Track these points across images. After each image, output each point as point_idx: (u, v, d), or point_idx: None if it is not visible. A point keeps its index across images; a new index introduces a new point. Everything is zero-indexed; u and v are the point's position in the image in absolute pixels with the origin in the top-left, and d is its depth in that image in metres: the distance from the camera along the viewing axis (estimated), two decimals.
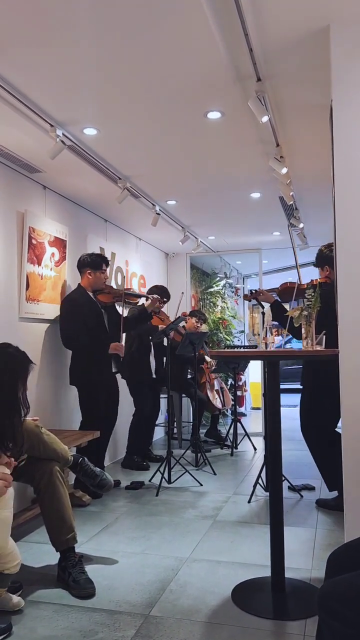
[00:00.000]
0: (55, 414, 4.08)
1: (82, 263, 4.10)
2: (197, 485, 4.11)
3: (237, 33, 2.18)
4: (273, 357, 2.36)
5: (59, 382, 4.12)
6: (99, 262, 4.08)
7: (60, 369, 4.14)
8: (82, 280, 4.10)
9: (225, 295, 8.21)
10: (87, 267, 4.06)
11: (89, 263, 4.06)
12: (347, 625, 1.27)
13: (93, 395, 3.95)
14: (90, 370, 3.93)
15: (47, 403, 3.99)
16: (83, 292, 4.05)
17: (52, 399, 4.06)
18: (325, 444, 3.44)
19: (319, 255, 3.56)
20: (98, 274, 4.07)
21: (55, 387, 4.09)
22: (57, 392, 4.12)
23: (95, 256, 4.13)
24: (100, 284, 4.10)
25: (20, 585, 2.39)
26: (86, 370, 3.93)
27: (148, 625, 2.12)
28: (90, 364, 3.92)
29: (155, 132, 3.21)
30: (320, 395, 3.34)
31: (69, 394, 4.21)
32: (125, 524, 3.31)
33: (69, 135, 3.15)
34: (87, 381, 3.95)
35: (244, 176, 4.03)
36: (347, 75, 2.18)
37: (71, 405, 4.24)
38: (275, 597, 2.35)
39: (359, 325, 2.14)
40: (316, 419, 3.47)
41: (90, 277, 4.06)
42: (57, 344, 4.14)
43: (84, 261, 4.09)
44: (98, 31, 2.19)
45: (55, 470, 2.54)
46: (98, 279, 4.07)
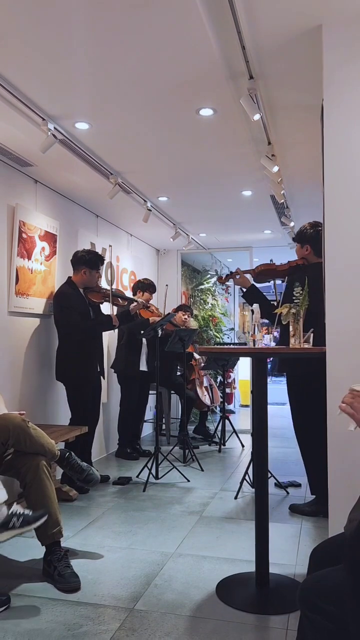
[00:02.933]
0: (43, 409, 4.08)
1: (79, 260, 4.05)
2: (185, 481, 4.13)
3: (230, 31, 2.19)
4: (260, 354, 2.38)
5: (47, 376, 4.11)
6: (96, 262, 4.07)
7: (49, 363, 4.13)
8: (75, 276, 4.07)
9: (215, 293, 8.22)
10: (84, 265, 4.02)
11: (86, 261, 4.03)
12: (328, 618, 1.30)
13: (81, 391, 3.96)
14: (78, 366, 3.93)
15: (35, 398, 3.99)
16: (74, 287, 4.04)
17: (40, 393, 4.05)
18: (316, 446, 3.41)
19: (303, 232, 3.45)
20: (94, 272, 4.06)
21: (43, 382, 4.08)
22: (45, 386, 4.11)
23: (93, 255, 4.10)
24: (92, 283, 4.10)
25: (8, 599, 2.27)
26: (74, 366, 3.93)
27: (132, 619, 2.13)
28: (78, 360, 3.92)
29: (147, 128, 3.21)
30: (312, 396, 3.32)
31: (57, 388, 4.21)
32: (112, 518, 3.32)
33: (61, 129, 3.14)
34: (75, 377, 3.95)
35: (236, 174, 4.04)
36: (338, 75, 2.20)
37: (59, 400, 4.24)
38: (259, 592, 2.37)
39: (346, 324, 2.16)
40: (308, 420, 3.42)
41: (85, 275, 4.03)
42: (46, 339, 4.13)
43: (82, 258, 4.04)
44: (91, 26, 2.19)
45: (41, 464, 2.54)
46: (92, 278, 4.07)
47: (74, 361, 3.92)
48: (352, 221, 2.17)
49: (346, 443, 2.12)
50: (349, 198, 2.18)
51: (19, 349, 3.81)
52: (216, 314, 7.96)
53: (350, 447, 2.11)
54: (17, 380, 3.78)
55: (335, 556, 1.49)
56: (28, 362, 3.91)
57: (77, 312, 3.92)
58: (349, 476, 2.12)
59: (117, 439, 5.05)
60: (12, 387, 3.69)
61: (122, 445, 5.00)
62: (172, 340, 4.79)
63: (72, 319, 3.89)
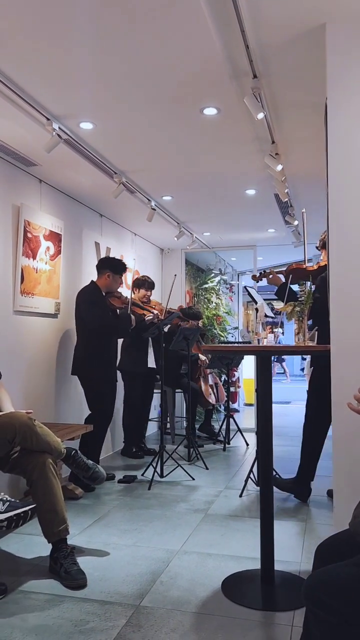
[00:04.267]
0: (49, 407, 4.10)
1: (105, 264, 4.25)
2: (189, 480, 4.14)
3: (234, 29, 2.19)
4: (264, 352, 2.39)
5: (53, 375, 4.14)
6: (122, 269, 4.27)
7: (55, 362, 4.15)
8: (99, 279, 4.23)
9: (219, 292, 8.23)
10: (109, 269, 4.19)
11: (111, 265, 4.22)
12: (332, 614, 1.30)
13: (99, 386, 4.05)
14: (100, 363, 4.04)
15: (41, 396, 4.01)
16: (97, 289, 4.17)
17: (47, 392, 4.08)
18: (319, 434, 3.52)
19: (323, 240, 3.58)
20: (117, 277, 4.23)
21: (49, 381, 4.10)
22: (51, 385, 4.13)
23: (118, 261, 4.32)
24: (114, 288, 4.25)
25: (5, 588, 2.33)
26: (96, 363, 4.03)
27: (138, 616, 2.15)
28: (99, 357, 4.04)
29: (152, 127, 3.22)
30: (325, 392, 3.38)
31: (64, 387, 4.23)
32: (117, 516, 3.33)
33: (65, 129, 3.16)
34: (93, 373, 4.04)
35: (240, 172, 4.05)
36: (342, 73, 2.20)
37: (65, 399, 4.26)
38: (264, 589, 2.38)
39: (350, 322, 2.16)
40: (318, 415, 3.51)
41: (108, 279, 4.19)
42: (52, 338, 4.15)
43: (107, 262, 4.26)
44: (95, 26, 2.20)
45: (48, 462, 2.56)
46: (115, 283, 4.23)
47: (94, 357, 4.02)
48: (356, 220, 2.17)
49: (351, 440, 2.12)
50: (353, 197, 2.18)
51: (24, 348, 3.83)
52: (220, 312, 7.97)
53: (355, 444, 2.12)
54: (23, 379, 3.80)
55: (340, 552, 1.50)
56: (34, 361, 3.93)
57: (101, 308, 4.05)
58: (353, 473, 2.13)
59: (122, 437, 5.07)
60: (18, 386, 3.71)
61: (127, 444, 5.02)
62: (176, 339, 4.80)
63: (98, 314, 4.02)
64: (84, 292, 4.16)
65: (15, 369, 3.71)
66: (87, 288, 4.18)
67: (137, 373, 4.92)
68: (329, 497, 3.58)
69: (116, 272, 4.20)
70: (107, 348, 4.13)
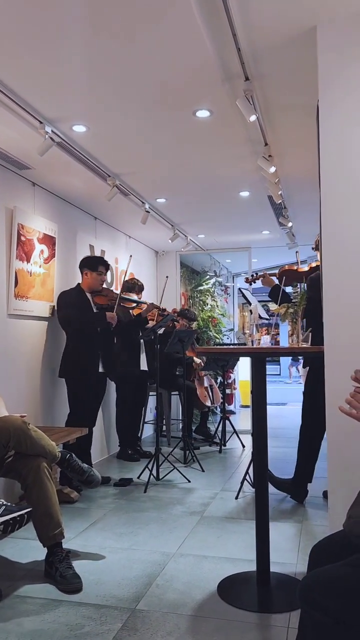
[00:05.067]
0: (43, 411, 4.09)
1: (82, 263, 4.23)
2: (185, 482, 4.14)
3: (226, 33, 2.20)
4: (258, 353, 2.39)
5: (47, 378, 4.13)
6: (96, 264, 4.18)
7: (49, 365, 4.14)
8: (82, 280, 4.22)
9: (215, 294, 8.24)
10: (86, 268, 4.18)
11: (86, 263, 4.19)
12: (327, 615, 1.30)
13: (80, 390, 4.00)
14: (79, 364, 3.99)
15: (36, 400, 4.00)
16: (79, 289, 4.16)
17: (41, 395, 4.06)
18: (315, 435, 3.55)
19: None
20: (95, 274, 4.15)
21: (43, 384, 4.09)
22: (46, 389, 4.12)
23: (94, 257, 4.29)
24: (97, 285, 4.20)
25: (0, 594, 2.32)
26: (75, 364, 3.99)
27: (134, 619, 2.14)
28: (79, 359, 3.99)
29: (145, 130, 3.22)
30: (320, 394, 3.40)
31: (58, 390, 4.22)
32: (113, 520, 3.32)
33: (58, 132, 3.15)
34: (74, 375, 4.01)
35: (233, 175, 4.06)
36: (333, 75, 2.21)
37: (60, 402, 4.25)
38: (260, 591, 2.38)
39: (343, 324, 2.17)
40: (314, 416, 3.52)
41: (87, 277, 4.17)
42: (46, 341, 4.14)
43: (83, 261, 4.22)
44: (87, 29, 2.20)
45: (42, 466, 2.55)
46: (95, 280, 4.17)
47: (74, 359, 4.00)
48: (349, 221, 2.18)
49: (345, 441, 2.13)
50: (345, 197, 2.19)
51: (19, 352, 3.82)
52: (215, 314, 7.97)
53: (350, 445, 2.12)
54: (17, 383, 3.79)
55: (334, 553, 1.50)
56: (28, 365, 3.92)
57: (73, 308, 4.02)
58: (348, 473, 2.13)
59: (117, 440, 5.06)
60: (12, 390, 3.70)
61: (123, 447, 5.01)
62: (171, 341, 4.79)
63: (66, 312, 4.01)
64: (61, 294, 4.14)
65: (10, 373, 3.70)
66: (66, 291, 4.17)
67: (130, 376, 4.90)
68: (324, 499, 3.59)
69: (93, 269, 4.14)
70: (87, 350, 4.04)
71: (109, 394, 5.18)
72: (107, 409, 5.12)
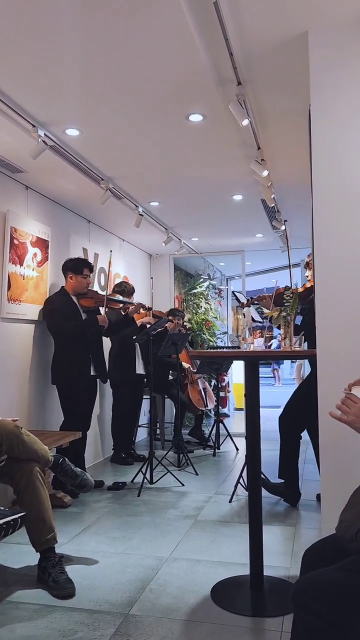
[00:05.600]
0: (37, 415, 4.07)
1: (65, 266, 4.14)
2: (179, 486, 4.13)
3: (218, 37, 2.21)
4: (250, 357, 2.39)
5: (40, 382, 4.11)
6: (81, 267, 4.11)
7: (42, 369, 4.13)
8: (66, 283, 4.15)
9: (208, 297, 8.24)
10: (69, 271, 4.10)
11: (71, 267, 4.11)
12: (320, 618, 1.31)
13: (73, 395, 3.97)
14: (71, 369, 3.96)
15: (29, 404, 3.98)
16: (64, 294, 4.10)
17: (34, 399, 4.05)
18: (295, 436, 3.65)
19: None
20: (80, 278, 4.10)
21: (37, 388, 4.08)
22: (39, 392, 4.11)
23: (78, 260, 4.18)
24: (82, 288, 4.14)
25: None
26: (66, 369, 3.96)
27: (127, 624, 2.13)
28: (69, 363, 3.96)
29: (138, 134, 3.22)
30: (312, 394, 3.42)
31: (51, 394, 4.21)
32: (107, 524, 3.31)
33: (51, 135, 3.15)
34: (66, 381, 3.98)
35: (226, 178, 4.07)
36: (325, 81, 2.22)
37: (53, 406, 4.23)
38: (253, 595, 2.37)
39: (336, 327, 2.17)
40: (300, 414, 3.57)
41: (72, 281, 4.10)
42: (39, 345, 4.13)
43: (67, 264, 4.14)
44: (80, 32, 2.20)
45: (35, 470, 2.54)
46: (80, 283, 4.11)
47: (66, 364, 3.97)
48: (340, 225, 2.19)
49: (338, 445, 2.13)
50: (336, 201, 2.20)
51: (12, 355, 3.81)
52: (209, 317, 7.98)
53: (342, 449, 2.12)
54: (10, 387, 3.77)
55: (327, 557, 1.50)
56: (21, 368, 3.90)
57: (61, 315, 3.97)
58: (341, 477, 2.13)
59: (111, 444, 5.04)
60: (5, 393, 3.68)
61: (117, 451, 4.99)
62: (165, 344, 4.79)
63: (57, 321, 3.95)
64: (46, 300, 4.10)
65: (2, 376, 3.68)
66: (52, 296, 4.13)
67: (125, 379, 4.90)
68: (317, 502, 3.59)
69: (78, 272, 4.08)
70: (80, 354, 4.01)
71: (105, 398, 5.17)
72: (101, 413, 5.11)
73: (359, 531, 1.38)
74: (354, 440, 1.92)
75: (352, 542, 1.40)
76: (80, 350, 4.02)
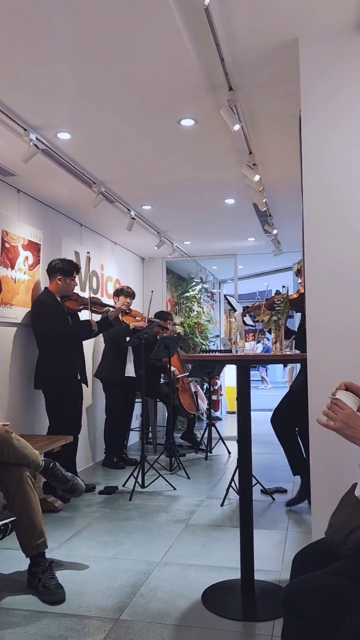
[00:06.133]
0: (28, 419, 4.05)
1: (54, 268, 4.08)
2: (171, 490, 4.12)
3: (209, 43, 2.22)
4: (241, 360, 2.40)
5: (31, 386, 4.09)
6: (70, 269, 4.08)
7: (34, 373, 4.10)
8: (51, 285, 4.10)
9: (201, 300, 8.26)
10: (58, 273, 4.05)
11: (60, 269, 4.06)
12: (309, 623, 1.31)
13: (59, 400, 3.93)
14: (57, 374, 3.92)
15: (20, 408, 3.96)
16: (51, 295, 4.06)
17: (25, 403, 4.03)
18: (291, 433, 3.66)
19: None
20: (68, 280, 4.08)
21: (28, 392, 4.05)
22: (30, 396, 4.08)
23: (67, 263, 4.12)
24: (68, 291, 4.12)
25: None
26: (53, 374, 3.92)
27: (117, 630, 2.12)
28: (57, 368, 3.92)
29: (130, 138, 3.23)
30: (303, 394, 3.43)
31: (42, 398, 4.19)
32: (98, 529, 3.30)
33: (43, 139, 3.15)
34: (53, 385, 3.94)
35: (218, 182, 4.08)
36: (315, 87, 2.24)
37: (44, 410, 4.21)
38: (244, 599, 2.37)
39: (326, 330, 2.18)
40: (291, 414, 3.61)
41: (59, 283, 4.06)
42: (31, 348, 4.11)
43: (56, 266, 4.07)
44: (72, 37, 2.21)
45: (25, 475, 2.52)
46: (67, 286, 4.09)
47: (53, 369, 3.91)
48: (330, 229, 2.20)
49: (328, 450, 2.14)
50: (326, 205, 2.22)
51: (3, 359, 3.79)
52: (202, 321, 7.99)
53: (332, 453, 2.13)
54: (1, 390, 3.75)
55: (317, 561, 1.50)
56: (13, 372, 3.88)
57: (54, 318, 3.94)
58: (331, 481, 2.14)
59: (103, 447, 5.03)
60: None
61: (108, 454, 4.97)
62: (157, 348, 4.79)
63: (50, 325, 3.92)
64: (35, 303, 4.03)
65: None
66: (39, 297, 4.05)
67: (115, 381, 4.87)
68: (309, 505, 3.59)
69: (66, 275, 4.05)
70: (68, 359, 3.99)
71: (96, 402, 5.16)
72: (91, 417, 5.09)
73: (348, 535, 1.38)
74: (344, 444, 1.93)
75: (341, 546, 1.40)
76: (68, 355, 4.00)
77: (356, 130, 2.19)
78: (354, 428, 1.37)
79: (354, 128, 2.19)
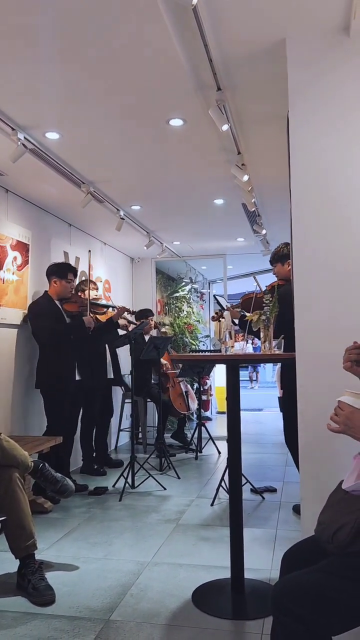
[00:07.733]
0: (17, 420, 4.03)
1: (49, 271, 4.15)
2: (161, 490, 4.12)
3: (197, 44, 2.22)
4: (231, 360, 2.40)
5: (21, 387, 4.07)
6: (65, 271, 4.14)
7: (23, 373, 4.09)
8: (49, 288, 4.15)
9: (190, 300, 8.26)
10: (54, 275, 4.11)
11: (55, 271, 4.12)
12: (298, 621, 1.31)
13: (58, 399, 3.94)
14: (57, 374, 3.95)
15: (9, 408, 3.94)
16: (49, 298, 4.11)
17: (15, 404, 4.01)
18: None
19: (280, 252, 3.67)
20: (64, 282, 4.11)
21: (17, 392, 4.03)
22: (19, 397, 4.07)
23: (62, 265, 4.21)
24: (66, 293, 4.16)
25: None
26: (50, 374, 3.95)
27: (108, 630, 2.12)
28: (57, 368, 3.95)
29: (118, 138, 3.22)
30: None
31: (32, 399, 4.17)
32: (88, 529, 3.29)
33: (31, 139, 3.13)
34: (50, 385, 3.96)
35: (207, 182, 4.09)
36: (303, 87, 2.25)
37: (34, 411, 4.20)
38: (234, 598, 2.38)
39: (315, 330, 2.19)
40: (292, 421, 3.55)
41: (56, 286, 4.11)
42: (20, 349, 4.09)
43: (51, 270, 4.15)
44: (59, 36, 2.20)
45: (14, 476, 2.51)
46: (64, 288, 4.12)
47: (51, 369, 3.95)
48: (318, 230, 2.21)
49: (316, 448, 2.15)
50: (315, 207, 2.23)
51: None
52: (191, 321, 7.99)
53: (321, 451, 2.14)
54: None
55: (306, 559, 1.51)
56: (1, 373, 3.86)
57: (48, 319, 3.97)
58: (319, 479, 2.15)
59: None
60: None
61: (86, 461, 4.69)
62: (147, 348, 4.78)
63: (42, 324, 3.95)
64: (31, 305, 4.09)
65: None
66: (37, 300, 4.12)
67: (96, 387, 4.58)
68: (294, 513, 3.52)
69: (61, 277, 4.09)
70: (64, 360, 4.00)
71: None
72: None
73: (335, 533, 1.39)
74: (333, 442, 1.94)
75: (329, 544, 1.41)
76: (66, 355, 4.01)
77: (344, 131, 2.21)
78: (354, 428, 1.39)
79: (342, 128, 2.21)
